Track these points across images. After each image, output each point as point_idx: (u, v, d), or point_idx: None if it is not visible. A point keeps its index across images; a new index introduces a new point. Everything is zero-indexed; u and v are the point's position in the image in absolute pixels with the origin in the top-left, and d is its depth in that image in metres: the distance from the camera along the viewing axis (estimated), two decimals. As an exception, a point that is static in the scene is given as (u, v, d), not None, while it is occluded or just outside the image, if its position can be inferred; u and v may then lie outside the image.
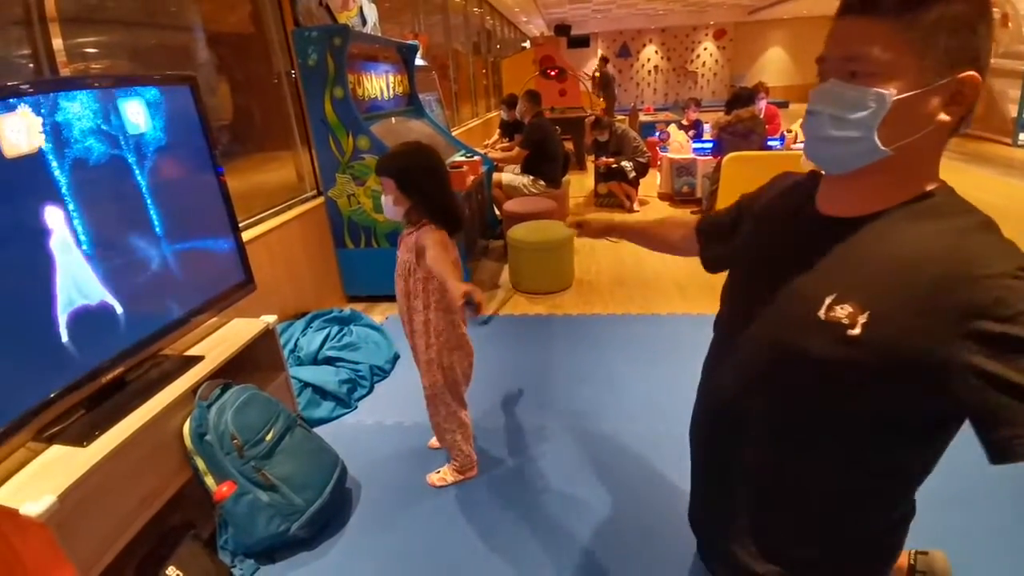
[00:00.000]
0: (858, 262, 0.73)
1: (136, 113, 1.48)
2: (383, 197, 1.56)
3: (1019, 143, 7.03)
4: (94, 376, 1.34)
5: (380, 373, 2.46)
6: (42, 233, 1.23)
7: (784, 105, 14.72)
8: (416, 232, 1.55)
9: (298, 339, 2.42)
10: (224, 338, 1.77)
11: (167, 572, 1.37)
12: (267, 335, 1.82)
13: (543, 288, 3.32)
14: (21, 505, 1.07)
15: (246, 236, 2.40)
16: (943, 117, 0.66)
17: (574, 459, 1.89)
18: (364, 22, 3.52)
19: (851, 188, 0.76)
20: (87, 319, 1.32)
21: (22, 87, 1.21)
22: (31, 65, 1.74)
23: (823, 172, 0.78)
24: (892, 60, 0.65)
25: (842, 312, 0.71)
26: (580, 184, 6.18)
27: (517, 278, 3.41)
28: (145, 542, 1.39)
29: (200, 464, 1.49)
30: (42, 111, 1.22)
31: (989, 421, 0.62)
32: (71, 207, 1.29)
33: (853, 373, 0.71)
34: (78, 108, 1.31)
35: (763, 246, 0.88)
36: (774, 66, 17.06)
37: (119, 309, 1.42)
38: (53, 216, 1.25)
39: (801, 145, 4.51)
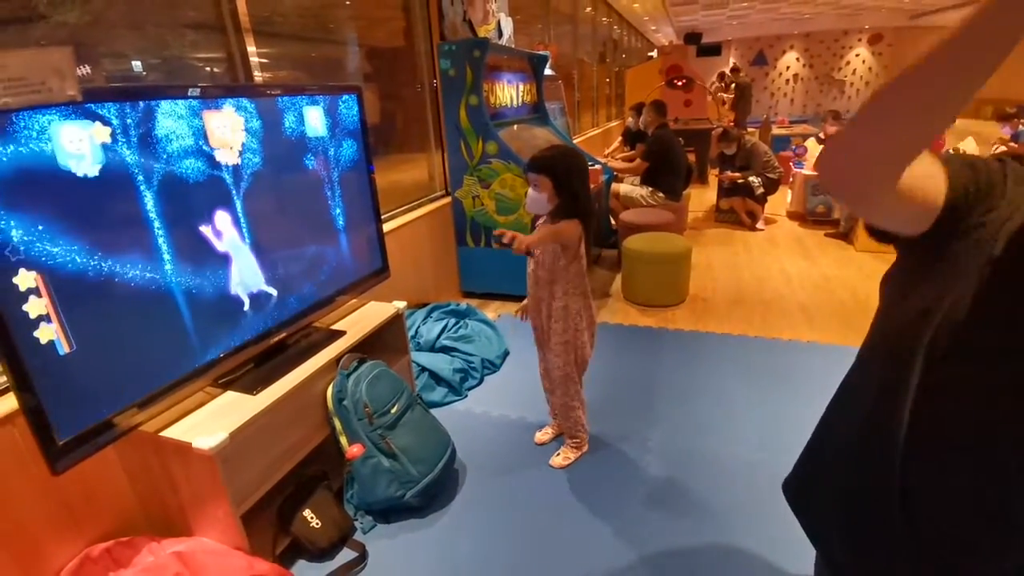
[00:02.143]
0: None
1: (314, 117, 1.72)
2: (531, 192, 1.68)
3: None
4: (262, 338, 1.59)
5: (490, 367, 2.59)
6: (234, 216, 1.48)
7: (950, 120, 12.94)
8: (554, 224, 1.67)
9: (419, 327, 2.62)
10: (362, 317, 1.99)
11: (304, 514, 1.58)
12: (396, 319, 2.01)
13: (655, 301, 3.26)
14: (194, 440, 1.28)
15: (385, 228, 2.66)
16: None
17: (671, 470, 1.86)
18: (500, 34, 3.72)
19: None
20: (259, 292, 1.57)
21: (228, 88, 1.47)
22: (221, 71, 2.05)
23: None
24: None
25: None
26: (700, 198, 5.95)
27: (630, 288, 3.38)
28: (287, 486, 1.61)
29: (337, 425, 1.69)
30: (241, 112, 1.47)
31: None
32: (256, 194, 1.54)
33: None
34: (268, 111, 1.56)
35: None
36: (940, 75, 15.05)
37: (284, 285, 1.66)
38: (237, 202, 1.50)
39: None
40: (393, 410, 1.72)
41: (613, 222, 4.27)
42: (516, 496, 1.79)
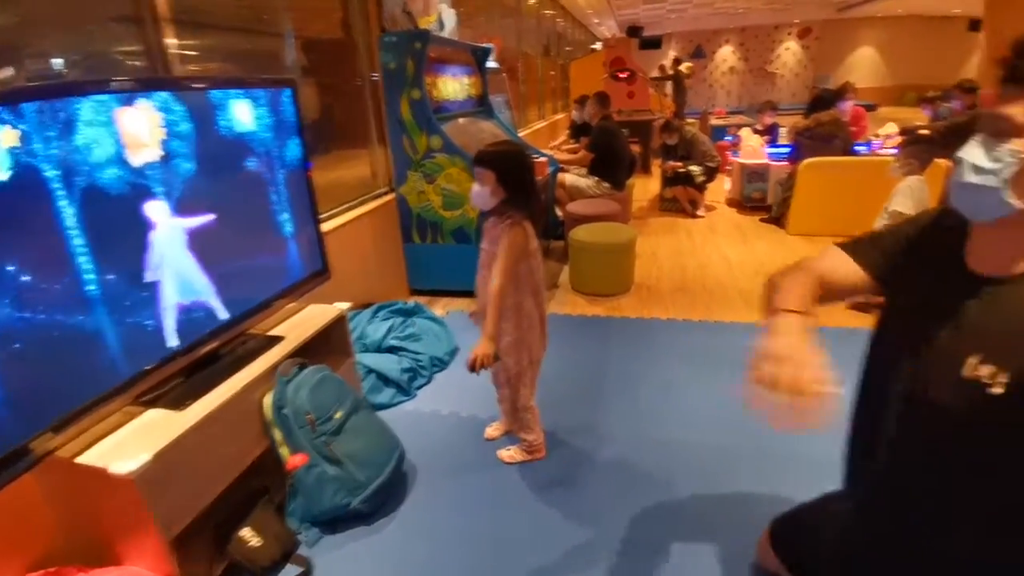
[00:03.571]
0: (1003, 322, 0.76)
1: (244, 113, 1.63)
2: (476, 187, 1.66)
3: None
4: (192, 349, 1.50)
5: (440, 364, 2.56)
6: (149, 220, 1.38)
7: (872, 108, 13.78)
8: (501, 225, 1.65)
9: (364, 327, 2.55)
10: (303, 321, 1.91)
11: (242, 533, 1.50)
12: (339, 321, 1.95)
13: (602, 290, 3.31)
14: (110, 464, 1.17)
15: (323, 229, 2.57)
16: None
17: (623, 458, 1.90)
18: (442, 26, 3.65)
19: (997, 245, 0.79)
20: (190, 300, 1.48)
21: (141, 82, 1.36)
22: (139, 63, 1.92)
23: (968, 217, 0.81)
24: None
25: (983, 371, 0.76)
26: (644, 188, 6.08)
27: (577, 279, 3.42)
28: (224, 504, 1.53)
29: (277, 435, 1.62)
30: (161, 107, 1.37)
31: None
32: (180, 195, 1.44)
33: (995, 426, 0.76)
34: (191, 106, 1.46)
35: (915, 305, 0.92)
36: (863, 67, 16.00)
37: (216, 291, 1.57)
38: (160, 205, 1.40)
39: (891, 151, 4.22)
40: (337, 415, 1.66)
41: (560, 213, 4.30)
42: (468, 495, 1.78)
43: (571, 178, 4.40)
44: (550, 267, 3.86)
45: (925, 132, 3.67)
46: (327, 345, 1.96)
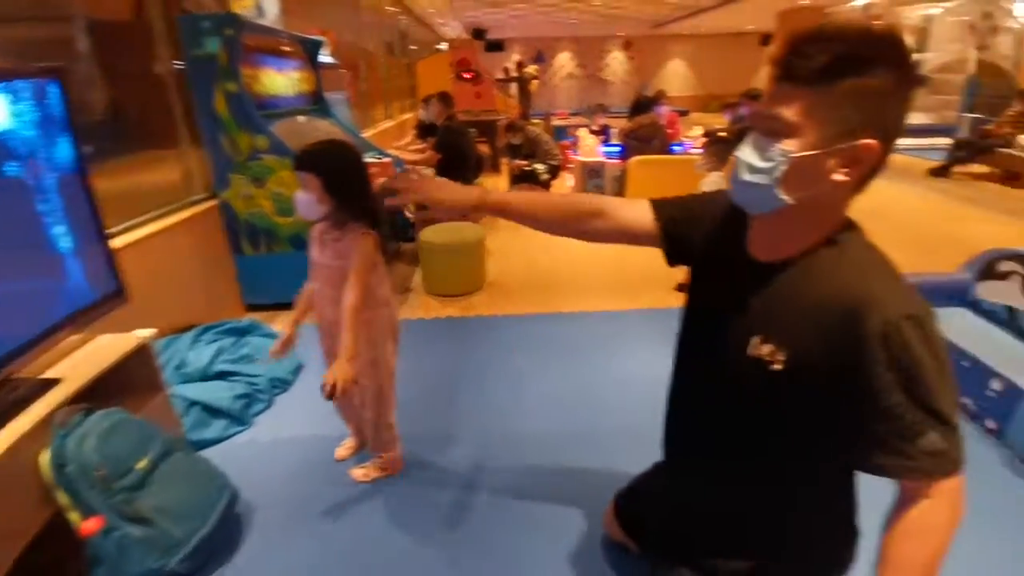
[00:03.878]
0: (779, 303, 0.82)
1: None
2: (300, 195, 1.46)
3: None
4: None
5: (280, 385, 2.32)
6: None
7: (685, 113, 15.74)
8: (345, 238, 1.49)
9: (184, 354, 2.22)
10: (89, 357, 1.59)
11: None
12: (141, 352, 1.66)
13: (455, 290, 3.29)
14: None
15: (121, 242, 2.19)
16: (839, 176, 0.73)
17: (477, 458, 1.89)
18: (262, 13, 3.32)
19: (770, 234, 0.84)
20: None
21: None
22: None
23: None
24: (800, 121, 0.72)
25: (764, 350, 0.81)
26: (494, 186, 6.22)
27: (429, 281, 3.36)
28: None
29: (62, 498, 1.33)
30: None
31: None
32: None
33: (775, 400, 0.83)
34: None
35: (708, 287, 0.99)
36: (676, 77, 18.20)
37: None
38: None
39: (698, 150, 4.80)
40: (140, 465, 1.40)
41: (409, 215, 4.19)
42: (316, 527, 1.62)
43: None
44: (402, 271, 3.74)
45: (723, 134, 4.26)
46: (126, 382, 1.65)
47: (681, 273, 3.36)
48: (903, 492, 0.78)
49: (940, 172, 6.50)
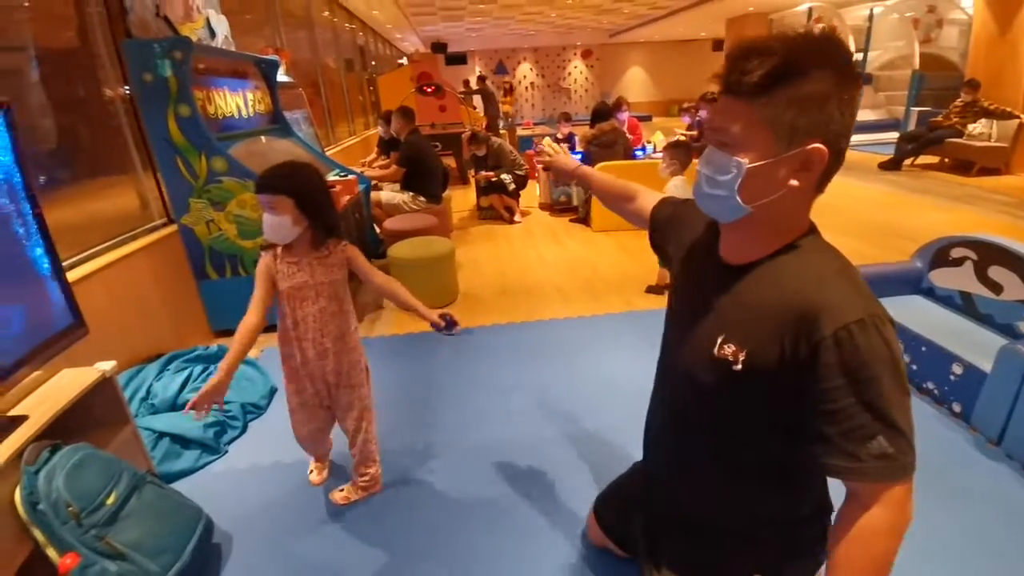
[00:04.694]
0: (742, 305, 0.84)
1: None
2: (271, 217, 1.42)
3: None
4: None
5: (254, 411, 2.27)
6: None
7: (648, 119, 16.11)
8: (334, 253, 1.55)
9: (151, 384, 2.16)
10: (52, 393, 1.53)
11: None
12: (104, 385, 1.60)
13: (427, 304, 3.24)
14: None
15: (79, 273, 2.13)
16: (794, 182, 0.76)
17: (458, 470, 1.89)
18: (213, 35, 3.28)
19: (735, 239, 0.87)
20: None
21: None
22: None
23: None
24: (747, 134, 0.75)
25: (727, 350, 0.84)
26: (465, 198, 6.24)
27: (402, 296, 3.33)
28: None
29: (38, 535, 1.28)
30: None
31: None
32: None
33: (737, 399, 0.85)
34: None
35: (685, 288, 1.02)
36: (636, 83, 18.61)
37: None
38: None
39: (657, 154, 4.92)
40: (109, 501, 1.36)
41: (378, 230, 4.18)
42: (297, 555, 1.59)
43: (386, 195, 4.31)
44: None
45: (683, 138, 4.39)
46: (91, 416, 1.60)
47: (652, 276, 3.45)
48: (850, 495, 0.79)
49: (890, 166, 6.79)
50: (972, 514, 1.59)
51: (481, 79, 11.14)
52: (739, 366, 0.82)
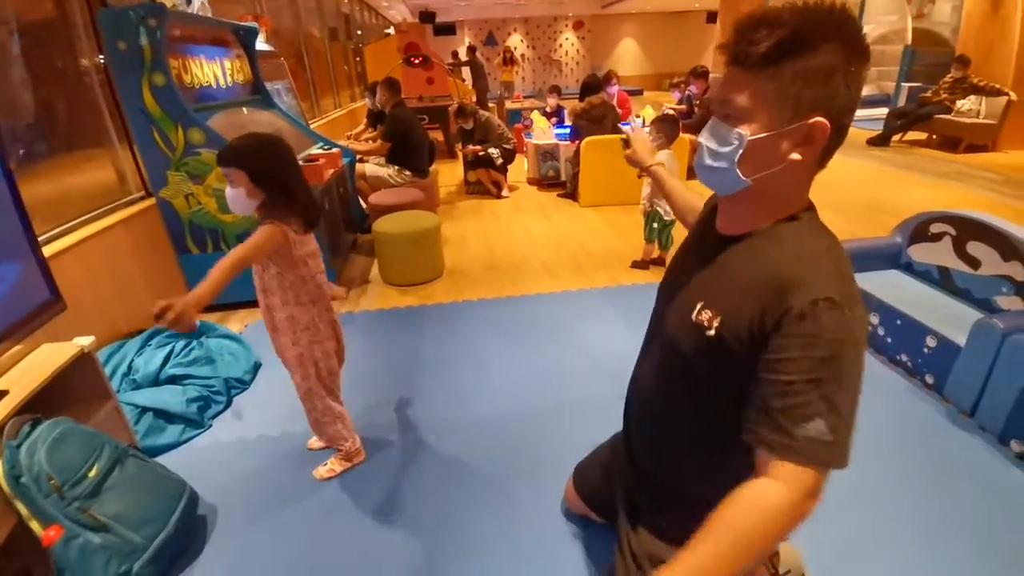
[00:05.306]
0: (725, 274, 0.85)
1: None
2: (229, 190, 1.43)
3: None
4: None
5: (238, 386, 2.28)
6: None
7: (639, 92, 15.90)
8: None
9: (132, 359, 2.15)
10: (31, 367, 1.52)
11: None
12: (83, 360, 1.60)
13: (413, 279, 3.28)
14: None
15: (55, 247, 2.10)
16: (795, 156, 0.76)
17: (442, 444, 1.92)
18: (189, 1, 3.17)
19: (732, 211, 0.88)
20: None
21: None
22: None
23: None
24: (752, 106, 0.75)
25: (704, 316, 0.84)
26: (452, 172, 6.17)
27: (386, 271, 3.33)
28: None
29: (21, 509, 1.30)
30: None
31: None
32: None
33: (710, 367, 0.86)
34: None
35: (677, 259, 1.03)
36: (628, 56, 18.29)
37: None
38: None
39: (644, 128, 4.88)
40: (91, 474, 1.37)
41: (364, 205, 4.13)
42: (282, 526, 1.62)
43: (371, 168, 4.25)
44: (360, 262, 3.69)
45: (671, 112, 4.35)
46: (71, 391, 1.60)
47: (638, 252, 3.45)
48: (761, 467, 0.75)
49: (878, 141, 6.79)
50: (946, 484, 1.64)
51: (471, 50, 10.86)
52: (712, 332, 0.83)
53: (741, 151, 0.76)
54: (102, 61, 2.62)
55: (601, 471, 1.41)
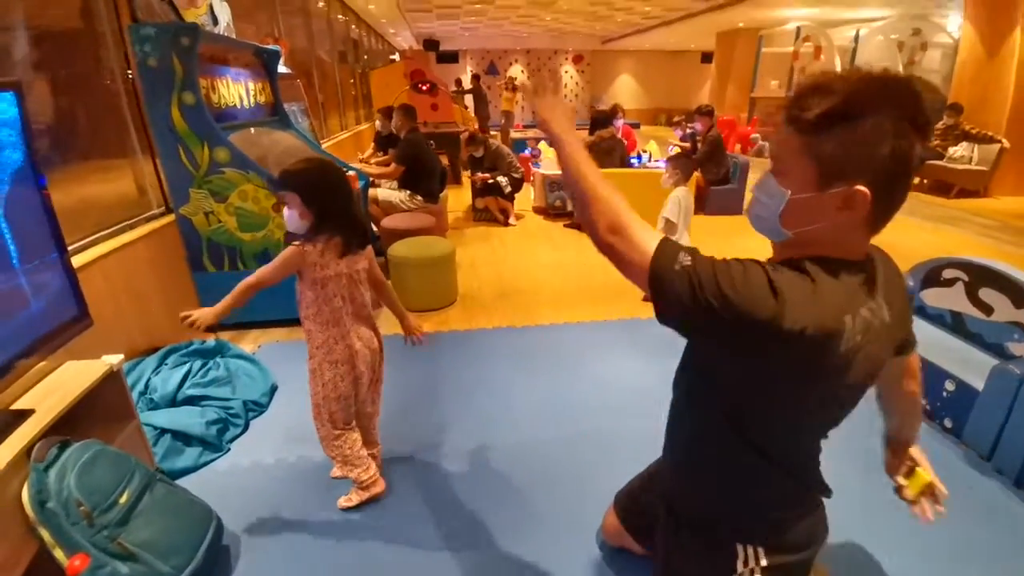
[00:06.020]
0: None
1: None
2: (286, 210, 1.55)
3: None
4: None
5: (256, 408, 2.23)
6: None
7: (636, 126, 16.29)
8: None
9: (149, 379, 2.10)
10: (57, 386, 1.49)
11: None
12: (111, 379, 1.56)
13: (428, 305, 3.27)
14: None
15: (79, 261, 2.06)
16: (836, 218, 0.78)
17: (465, 472, 1.89)
18: (216, 21, 3.21)
19: (779, 255, 0.89)
20: None
21: None
22: None
23: None
24: (795, 166, 0.79)
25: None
26: (458, 199, 6.22)
27: (401, 295, 3.28)
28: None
29: (46, 536, 1.24)
30: None
31: None
32: None
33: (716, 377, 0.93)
34: None
35: None
36: (626, 91, 18.78)
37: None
38: None
39: (656, 163, 4.98)
40: (122, 499, 1.33)
41: (376, 229, 4.13)
42: (307, 551, 1.58)
43: (384, 193, 4.27)
44: (371, 285, 3.67)
45: (678, 150, 4.46)
46: (98, 411, 1.56)
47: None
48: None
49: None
50: (963, 527, 1.64)
51: (475, 78, 11.08)
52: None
53: (782, 207, 0.82)
54: (129, 75, 2.63)
55: (641, 491, 1.41)
